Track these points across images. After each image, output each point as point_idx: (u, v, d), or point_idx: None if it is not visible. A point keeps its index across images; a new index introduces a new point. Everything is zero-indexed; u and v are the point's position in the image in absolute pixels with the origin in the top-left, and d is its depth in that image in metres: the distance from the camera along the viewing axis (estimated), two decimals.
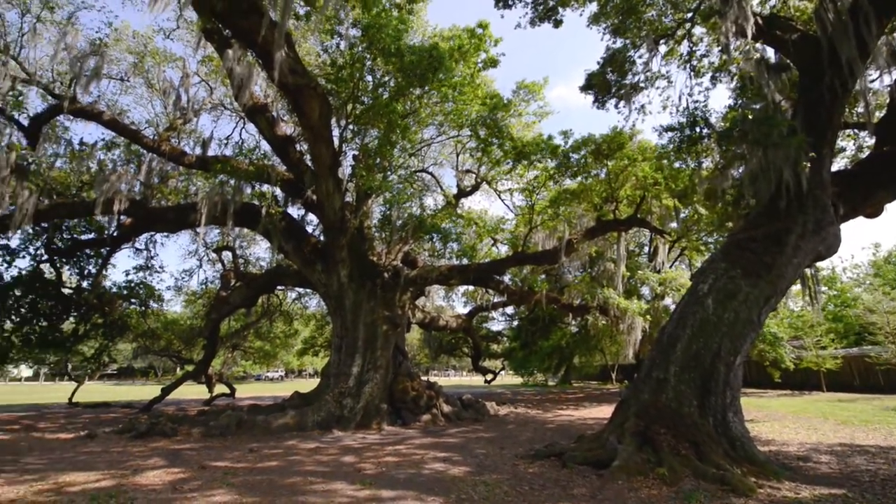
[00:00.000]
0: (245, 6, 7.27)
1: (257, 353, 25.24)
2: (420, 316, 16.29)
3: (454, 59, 11.35)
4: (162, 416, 10.60)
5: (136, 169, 11.59)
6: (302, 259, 11.96)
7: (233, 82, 8.46)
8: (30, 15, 10.85)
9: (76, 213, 11.51)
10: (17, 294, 13.50)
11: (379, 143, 11.31)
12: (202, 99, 13.15)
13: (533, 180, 14.59)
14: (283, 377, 62.79)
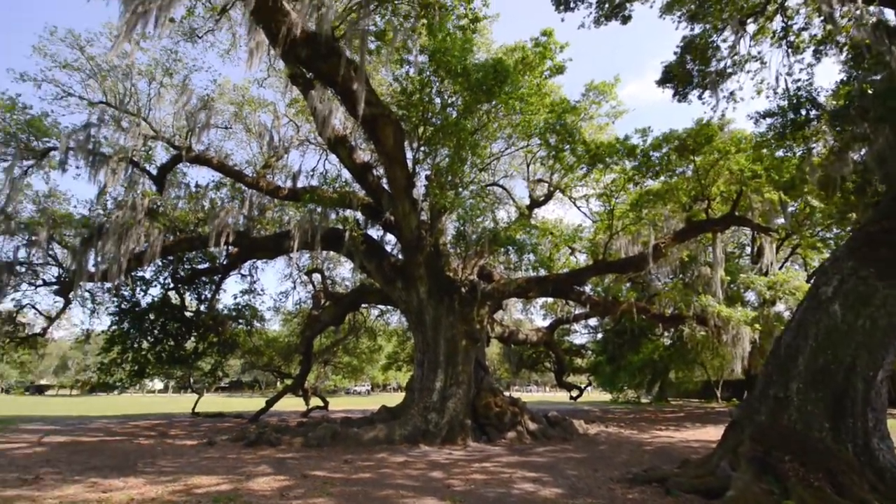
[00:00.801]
0: (324, 50, 7.98)
1: (346, 368, 26.76)
2: (499, 330, 16.13)
3: (519, 72, 11.36)
4: (267, 427, 11.61)
5: (239, 204, 13.11)
6: (383, 277, 12.55)
7: (316, 119, 9.29)
8: (155, 82, 12.94)
9: (194, 247, 13.29)
10: (152, 318, 15.84)
11: (450, 162, 11.60)
12: (291, 137, 14.60)
13: (610, 184, 13.89)
14: (369, 391, 65.62)
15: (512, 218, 15.98)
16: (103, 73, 12.14)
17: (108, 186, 11.66)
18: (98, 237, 11.32)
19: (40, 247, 12.58)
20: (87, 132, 11.16)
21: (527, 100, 11.60)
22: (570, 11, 10.99)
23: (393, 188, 10.88)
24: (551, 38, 11.53)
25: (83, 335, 17.46)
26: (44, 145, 11.56)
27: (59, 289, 13.50)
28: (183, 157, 11.91)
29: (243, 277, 17.32)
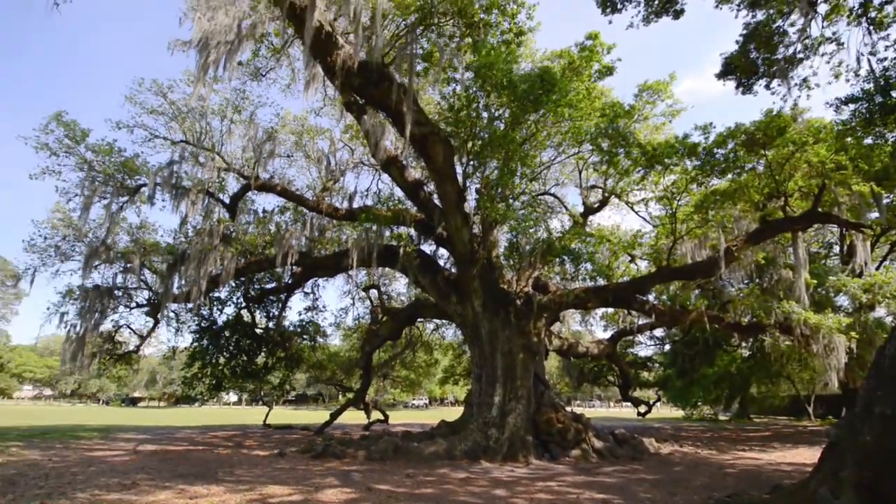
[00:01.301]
0: (375, 77, 8.37)
1: (403, 382, 27.15)
2: (557, 343, 15.66)
3: (567, 78, 11.19)
4: (332, 440, 12.02)
5: (301, 226, 13.93)
6: (437, 292, 12.69)
7: (369, 142, 9.72)
8: (226, 119, 14.21)
9: (263, 268, 14.25)
10: (227, 335, 17.11)
11: (499, 174, 11.59)
12: (346, 160, 15.38)
13: (671, 186, 13.16)
14: (426, 405, 65.97)
15: (566, 227, 15.60)
16: (183, 115, 13.54)
17: (189, 216, 12.87)
18: (181, 262, 12.49)
19: (134, 273, 14.08)
20: (170, 169, 12.46)
21: (576, 106, 11.38)
22: (618, 13, 10.71)
23: (444, 203, 11.05)
24: (597, 41, 11.29)
25: (169, 352, 19.19)
26: (135, 183, 13.03)
27: (149, 310, 14.99)
28: (251, 186, 12.91)
29: (306, 295, 18.27)
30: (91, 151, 12.54)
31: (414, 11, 9.25)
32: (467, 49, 10.06)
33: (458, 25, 9.38)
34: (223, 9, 8.57)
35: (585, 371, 25.58)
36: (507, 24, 9.53)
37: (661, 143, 12.23)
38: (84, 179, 12.80)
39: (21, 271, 14.96)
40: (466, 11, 8.98)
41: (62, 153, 12.56)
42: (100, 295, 13.55)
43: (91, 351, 14.97)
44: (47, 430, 16.51)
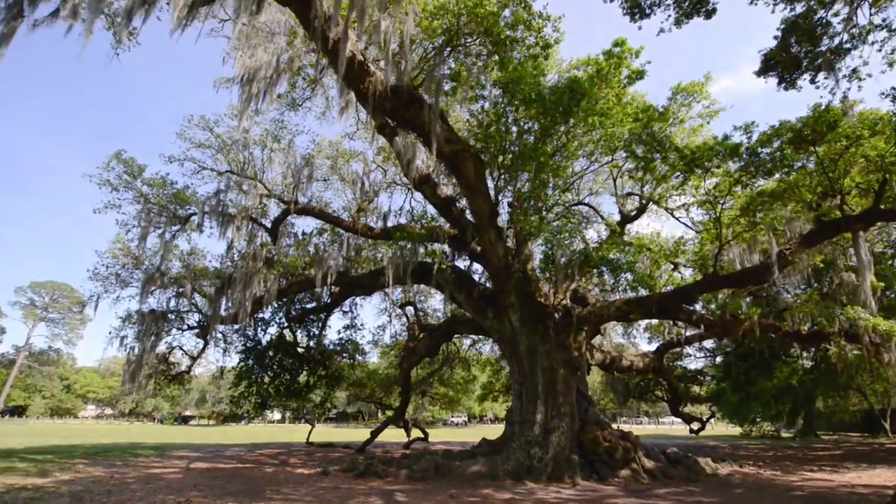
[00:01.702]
0: (406, 99, 8.61)
1: (442, 399, 26.95)
2: (599, 357, 15.13)
3: (595, 86, 11.08)
4: (374, 458, 12.06)
5: (338, 247, 14.34)
6: (473, 307, 12.64)
7: (401, 162, 9.95)
8: (266, 148, 14.97)
9: (303, 289, 14.70)
10: (271, 354, 17.67)
11: (531, 186, 11.53)
12: (379, 181, 15.79)
13: (713, 189, 12.62)
14: (465, 422, 64.99)
15: (602, 237, 15.22)
16: (228, 147, 14.41)
17: (234, 242, 13.56)
18: (228, 286, 13.10)
19: (185, 297, 14.89)
20: (217, 197, 13.22)
21: (607, 113, 11.23)
22: (646, 18, 10.57)
23: (477, 218, 11.08)
24: (625, 47, 11.16)
25: (217, 371, 20.03)
26: (186, 212, 13.89)
27: (199, 332, 15.76)
28: (291, 210, 13.48)
29: (345, 314, 18.66)
30: (147, 185, 13.52)
31: (441, 34, 9.51)
32: (494, 66, 10.19)
33: (485, 44, 9.54)
34: (262, 46, 9.14)
35: (631, 386, 24.48)
36: (532, 39, 9.60)
37: (700, 145, 11.80)
38: (141, 211, 13.79)
39: (86, 298, 16.20)
40: (492, 30, 9.13)
41: (122, 188, 13.61)
42: (155, 319, 14.39)
43: (147, 372, 15.86)
44: (109, 448, 17.50)
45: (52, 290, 65.76)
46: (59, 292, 65.65)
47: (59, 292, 65.65)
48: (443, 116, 9.39)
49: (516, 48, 9.70)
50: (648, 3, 10.45)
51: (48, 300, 65.65)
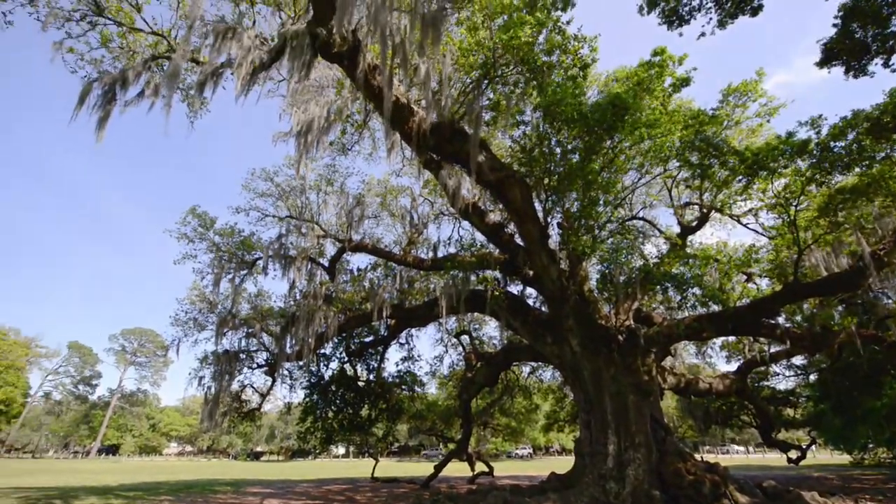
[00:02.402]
0: (448, 134, 8.89)
1: (504, 430, 26.06)
2: (672, 380, 14.07)
3: (639, 97, 10.85)
4: (440, 494, 11.78)
5: (392, 280, 14.72)
6: (530, 333, 12.32)
7: (447, 194, 10.17)
8: (321, 192, 15.92)
9: (361, 323, 15.13)
10: (333, 389, 18.11)
11: (581, 205, 11.29)
12: (427, 213, 16.21)
13: (783, 191, 11.70)
14: (531, 454, 62.08)
15: (662, 251, 14.45)
16: (286, 194, 15.51)
17: (296, 282, 14.33)
18: (292, 324, 13.77)
19: (254, 337, 15.80)
20: (279, 241, 14.14)
21: (653, 124, 10.89)
22: (686, 24, 10.33)
23: (527, 242, 10.97)
24: (665, 55, 10.91)
25: (285, 408, 20.76)
26: (252, 257, 14.94)
27: (268, 369, 16.55)
28: (346, 248, 14.10)
29: (402, 346, 18.86)
30: (218, 235, 14.77)
31: (477, 68, 9.82)
32: (533, 91, 10.30)
33: (522, 72, 9.72)
34: (314, 100, 9.89)
35: (712, 411, 22.38)
36: (569, 60, 9.64)
37: (762, 146, 11.06)
38: (213, 259, 15.03)
39: (168, 342, 17.64)
40: (528, 58, 9.30)
41: (196, 239, 14.96)
42: (228, 359, 15.34)
43: (222, 410, 16.78)
44: (190, 485, 18.50)
45: (139, 336, 72.41)
46: (146, 337, 72.10)
47: (146, 337, 72.10)
48: (485, 146, 9.56)
49: (554, 72, 9.77)
50: (687, 10, 10.24)
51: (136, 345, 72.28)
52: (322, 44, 7.56)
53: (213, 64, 8.04)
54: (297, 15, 9.78)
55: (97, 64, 9.84)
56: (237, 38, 7.55)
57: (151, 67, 9.32)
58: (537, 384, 23.10)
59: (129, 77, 8.58)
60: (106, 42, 9.79)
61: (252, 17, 9.92)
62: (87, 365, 71.73)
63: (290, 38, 7.47)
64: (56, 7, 9.29)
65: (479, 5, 9.20)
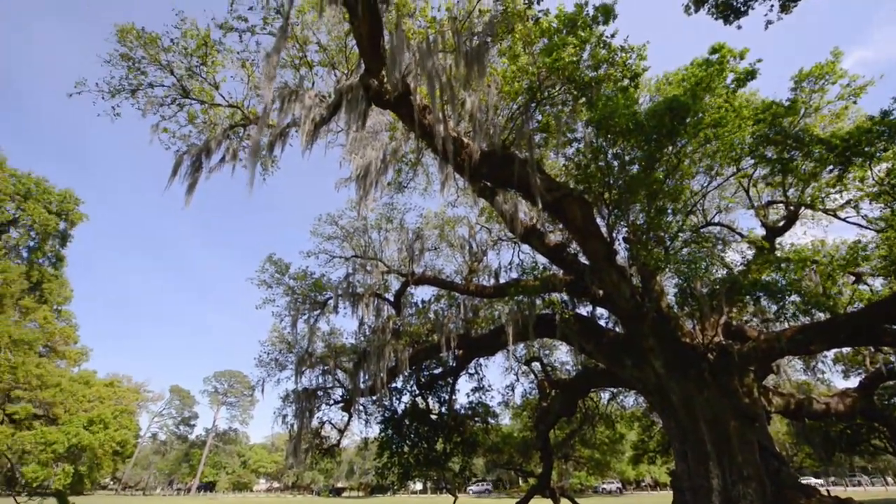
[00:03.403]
0: (500, 161, 8.95)
1: (588, 463, 24.36)
2: (779, 401, 12.45)
3: (699, 98, 10.26)
4: None
5: (456, 310, 14.73)
6: (606, 356, 11.60)
7: (505, 219, 10.13)
8: (382, 230, 16.58)
9: (429, 355, 15.19)
10: (407, 423, 18.14)
11: (647, 217, 10.70)
12: (485, 240, 16.22)
13: (886, 177, 10.32)
14: (620, 489, 57.13)
15: (748, 257, 13.16)
16: (350, 235, 16.35)
17: (364, 318, 14.81)
18: (364, 359, 14.16)
19: (330, 374, 16.41)
20: (347, 281, 14.81)
21: (719, 123, 10.21)
22: (744, 16, 9.73)
23: (593, 261, 10.53)
24: (724, 51, 10.30)
25: (362, 443, 21.09)
26: (323, 297, 15.74)
27: (344, 405, 17.02)
28: (409, 282, 14.42)
29: (471, 376, 18.59)
30: (292, 279, 15.81)
31: (523, 93, 9.89)
32: (582, 107, 10.14)
33: (569, 91, 9.63)
34: (370, 145, 10.47)
35: (833, 436, 19.36)
36: (619, 73, 9.41)
37: (851, 130, 9.93)
38: (289, 302, 16.03)
39: (254, 382, 18.84)
40: (574, 76, 9.22)
41: (274, 284, 16.10)
42: (307, 396, 16.01)
43: (304, 446, 17.40)
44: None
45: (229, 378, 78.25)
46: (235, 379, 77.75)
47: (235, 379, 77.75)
48: (539, 167, 9.47)
49: (602, 85, 9.57)
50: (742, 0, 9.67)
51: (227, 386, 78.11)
52: (374, 94, 8.07)
53: (281, 125, 8.85)
54: (350, 71, 10.57)
55: (185, 139, 11.23)
56: (299, 99, 8.29)
57: (229, 135, 10.47)
58: (619, 411, 21.51)
59: (212, 146, 9.69)
60: (192, 119, 11.19)
61: (311, 78, 10.88)
62: (186, 406, 78.54)
63: (346, 93, 8.07)
64: (152, 95, 10.84)
65: (518, 34, 9.35)
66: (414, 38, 9.31)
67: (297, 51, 10.79)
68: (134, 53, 10.30)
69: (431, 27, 9.71)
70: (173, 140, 11.12)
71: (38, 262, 23.97)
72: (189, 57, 10.43)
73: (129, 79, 10.41)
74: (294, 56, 10.87)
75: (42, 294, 23.96)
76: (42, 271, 23.85)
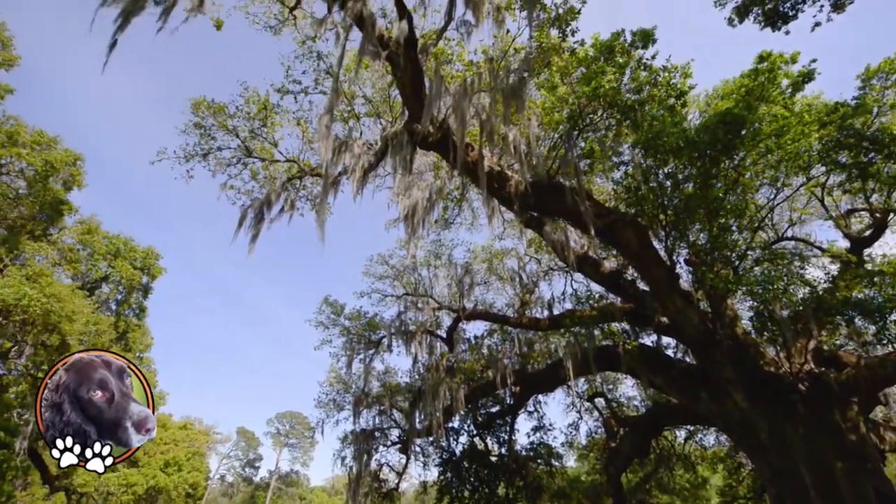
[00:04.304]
0: (546, 191, 8.91)
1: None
2: (893, 438, 10.75)
3: (753, 108, 9.75)
4: None
5: (510, 345, 14.35)
6: (678, 390, 10.68)
7: (555, 249, 9.92)
8: (430, 266, 16.80)
9: (485, 393, 14.77)
10: (466, 465, 17.45)
11: (709, 236, 10.04)
12: (536, 271, 15.92)
13: None
14: None
15: (832, 272, 11.88)
16: (401, 274, 16.70)
17: (418, 355, 14.79)
18: (419, 398, 14.01)
19: (386, 414, 16.35)
20: (399, 319, 14.99)
21: (781, 131, 9.59)
22: (793, 20, 9.31)
23: (654, 287, 9.95)
24: (773, 58, 9.85)
25: (420, 487, 20.47)
26: (377, 337, 15.97)
27: (401, 447, 16.76)
28: (461, 317, 14.32)
29: (530, 414, 17.74)
30: (347, 319, 16.26)
31: (564, 122, 9.91)
32: (626, 129, 9.95)
33: (612, 115, 9.53)
34: (416, 185, 10.82)
35: None
36: (663, 93, 9.21)
37: None
38: (345, 342, 16.41)
39: (314, 423, 19.12)
40: (616, 101, 9.13)
41: (330, 325, 16.62)
42: (365, 437, 15.97)
43: (364, 490, 17.16)
44: None
45: (290, 419, 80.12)
46: (295, 420, 79.48)
47: (295, 420, 79.48)
48: (587, 194, 9.29)
49: (646, 106, 9.39)
50: (790, 4, 9.29)
51: (289, 427, 79.88)
52: (419, 137, 8.43)
53: (333, 174, 9.41)
54: (394, 118, 11.17)
55: (249, 194, 12.24)
56: (349, 149, 8.83)
57: (287, 187, 11.28)
58: (699, 452, 19.48)
59: (272, 199, 10.45)
60: (254, 175, 12.22)
61: (359, 128, 11.61)
62: (251, 448, 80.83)
63: (392, 139, 8.50)
64: (220, 157, 12.01)
65: (555, 67, 9.49)
66: (453, 82, 9.73)
67: (346, 105, 11.61)
68: (205, 122, 11.56)
69: (469, 69, 10.12)
70: (238, 195, 12.15)
71: (125, 314, 26.43)
72: (251, 120, 11.53)
73: (201, 144, 11.64)
74: (343, 111, 11.69)
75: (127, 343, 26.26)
76: (127, 322, 26.24)
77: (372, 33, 7.60)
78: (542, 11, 8.78)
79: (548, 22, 8.93)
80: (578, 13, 8.99)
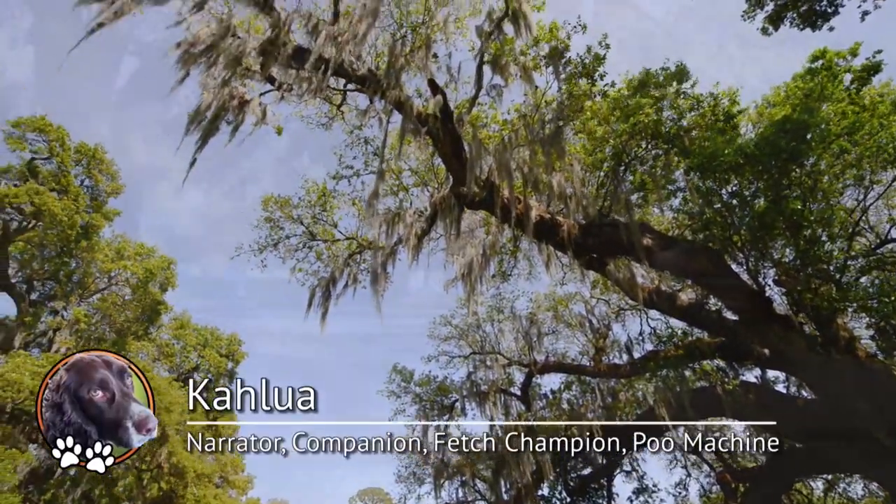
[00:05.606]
0: (600, 230, 8.69)
1: None
2: None
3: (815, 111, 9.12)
4: None
5: (591, 396, 13.33)
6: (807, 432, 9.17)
7: (622, 287, 9.45)
8: (494, 321, 16.51)
9: (574, 454, 13.58)
10: None
11: (796, 250, 9.08)
12: (605, 313, 15.05)
13: None
14: None
15: None
16: (465, 333, 16.52)
17: (493, 417, 14.12)
18: (502, 465, 13.15)
19: (469, 485, 15.44)
20: (469, 380, 14.62)
21: (853, 128, 8.82)
22: (834, 16, 8.89)
23: (741, 315, 9.01)
24: (829, 55, 9.32)
25: None
26: (449, 401, 15.57)
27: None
28: (533, 371, 13.69)
29: (628, 475, 15.91)
30: (417, 386, 16.11)
31: (608, 160, 9.84)
32: (676, 156, 9.65)
33: (657, 146, 9.34)
34: (468, 243, 11.01)
35: None
36: (709, 118, 8.96)
37: None
38: (418, 409, 16.13)
39: (395, 500, 18.41)
40: (658, 131, 8.99)
41: (402, 394, 16.51)
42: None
43: None
44: None
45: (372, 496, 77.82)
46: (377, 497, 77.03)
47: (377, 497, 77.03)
48: (646, 226, 8.93)
49: (693, 132, 9.13)
50: (827, 1, 8.94)
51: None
52: (465, 199, 8.73)
53: (388, 245, 9.87)
54: (439, 183, 11.73)
55: (315, 274, 13.08)
56: (401, 219, 9.30)
57: (349, 263, 11.95)
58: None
59: (336, 276, 11.07)
60: (319, 256, 13.14)
61: (408, 199, 12.30)
62: None
63: (439, 204, 8.88)
64: (289, 245, 13.11)
65: (590, 112, 9.65)
66: (490, 142, 10.15)
67: (394, 179, 12.42)
68: (273, 214, 12.83)
69: (504, 128, 10.56)
70: (306, 277, 13.03)
71: None
72: (313, 207, 12.64)
73: (272, 235, 12.83)
74: (392, 184, 12.50)
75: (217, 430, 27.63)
76: None
77: (411, 113, 8.28)
78: (568, 64, 9.13)
79: (575, 73, 9.24)
80: (604, 59, 9.23)
